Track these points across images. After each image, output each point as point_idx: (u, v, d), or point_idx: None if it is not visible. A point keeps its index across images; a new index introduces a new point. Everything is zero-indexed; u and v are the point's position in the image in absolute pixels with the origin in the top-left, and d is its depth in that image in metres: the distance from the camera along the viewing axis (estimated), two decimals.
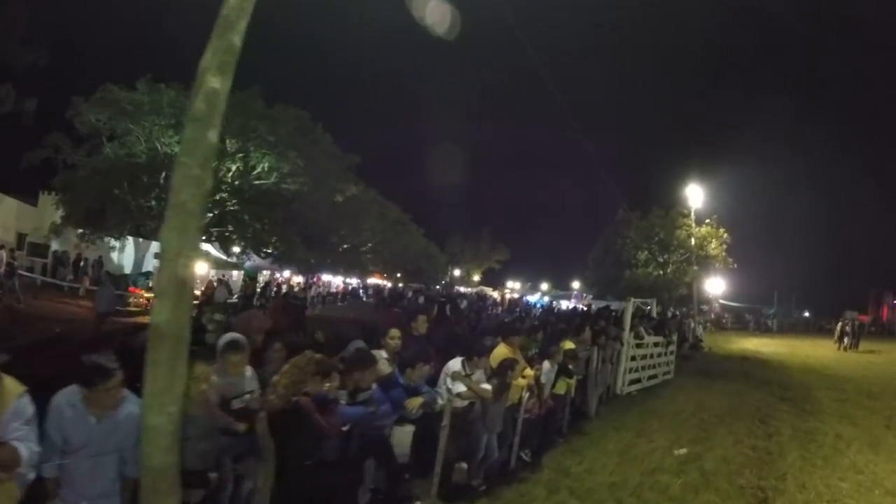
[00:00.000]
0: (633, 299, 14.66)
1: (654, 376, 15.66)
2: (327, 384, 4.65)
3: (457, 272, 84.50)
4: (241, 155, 32.06)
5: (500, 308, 39.66)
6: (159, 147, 30.15)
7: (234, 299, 30.94)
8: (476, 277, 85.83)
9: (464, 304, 32.71)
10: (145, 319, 18.73)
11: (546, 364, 8.30)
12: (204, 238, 32.01)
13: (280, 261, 34.22)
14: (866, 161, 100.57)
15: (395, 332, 6.28)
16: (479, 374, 6.64)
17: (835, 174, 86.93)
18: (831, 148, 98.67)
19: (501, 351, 7.38)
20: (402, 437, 5.86)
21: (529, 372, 7.66)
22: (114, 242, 31.54)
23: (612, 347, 12.52)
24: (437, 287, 63.53)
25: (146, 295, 25.31)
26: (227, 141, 31.55)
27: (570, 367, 9.07)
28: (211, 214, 31.55)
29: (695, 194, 32.54)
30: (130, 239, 33.84)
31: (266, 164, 32.79)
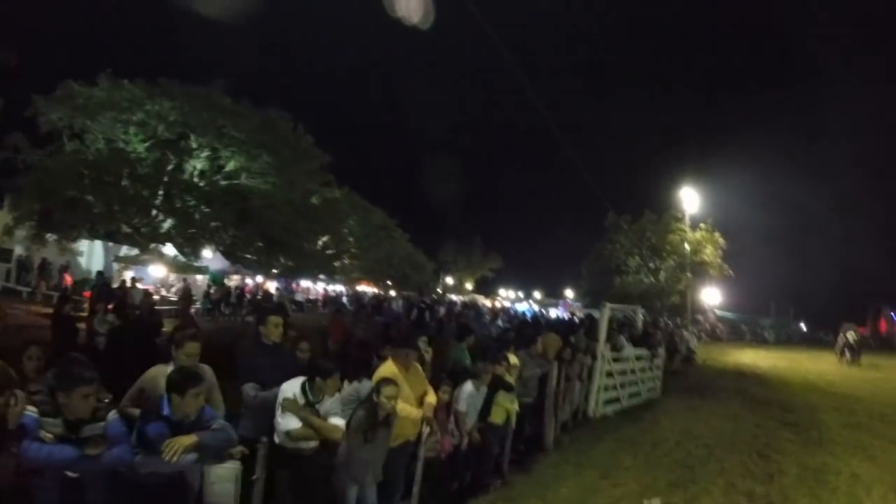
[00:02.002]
0: (609, 305, 12.52)
1: (637, 394, 13.57)
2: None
3: (449, 280, 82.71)
4: (207, 153, 30.41)
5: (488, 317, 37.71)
6: (122, 145, 28.64)
7: (198, 305, 29.08)
8: (469, 286, 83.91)
9: (442, 311, 30.71)
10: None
11: (468, 387, 6.22)
12: (166, 240, 30.30)
13: (242, 263, 32.15)
14: (867, 169, 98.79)
15: (192, 344, 4.29)
16: (330, 403, 4.60)
17: (835, 183, 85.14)
18: (831, 156, 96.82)
19: (386, 369, 5.32)
20: (221, 483, 4.01)
21: (431, 398, 5.58)
22: (81, 247, 29.71)
23: (582, 362, 10.42)
24: (434, 296, 61.63)
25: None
26: (192, 137, 29.99)
27: (510, 384, 6.99)
28: (173, 219, 29.81)
29: (689, 198, 30.49)
30: (99, 243, 31.95)
31: (234, 163, 31.03)
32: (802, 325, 63.22)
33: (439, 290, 74.32)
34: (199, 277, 33.51)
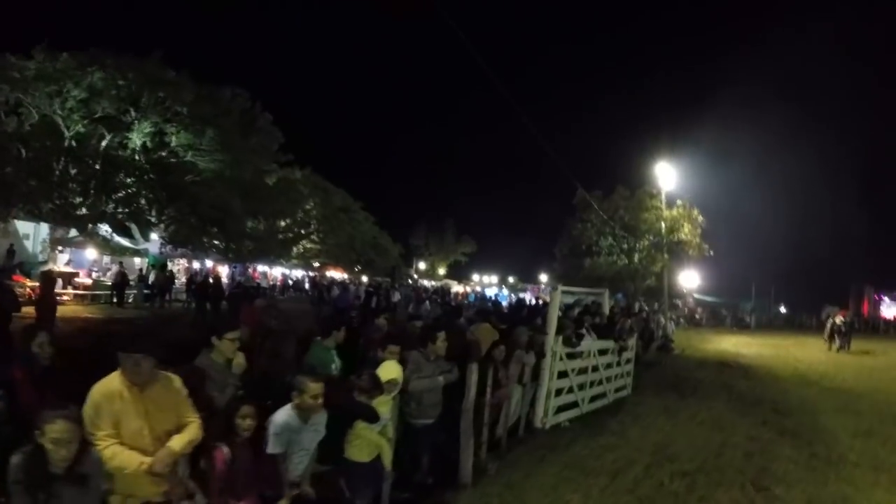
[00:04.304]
0: (561, 288, 9.98)
1: (602, 395, 11.12)
2: None
3: (422, 265, 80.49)
4: (149, 129, 27.95)
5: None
6: (60, 121, 26.40)
7: (134, 290, 26.39)
8: (442, 271, 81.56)
9: (396, 296, 28.29)
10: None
11: (281, 416, 3.74)
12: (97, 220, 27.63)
13: (174, 244, 29.47)
14: (846, 151, 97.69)
15: None
16: None
17: (813, 164, 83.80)
18: (809, 137, 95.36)
19: (97, 389, 3.05)
20: None
21: (179, 440, 3.12)
22: (26, 229, 27.16)
23: (523, 361, 7.92)
24: (410, 281, 59.60)
25: (29, 284, 21.59)
26: (131, 112, 27.65)
27: (370, 410, 4.46)
28: (117, 198, 27.36)
29: (665, 174, 27.90)
30: (45, 225, 29.53)
31: (176, 140, 28.46)
32: (783, 309, 61.77)
33: (415, 276, 72.17)
34: (137, 261, 30.84)
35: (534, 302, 26.62)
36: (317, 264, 49.55)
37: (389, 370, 4.86)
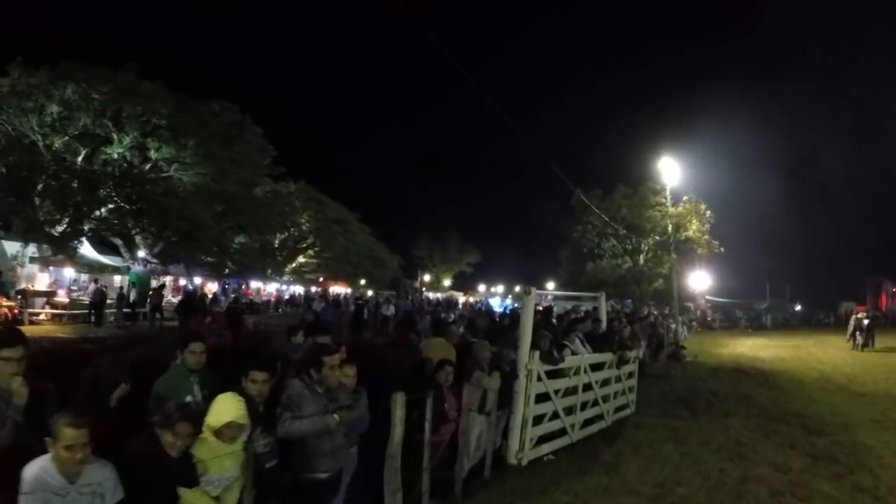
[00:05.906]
0: (534, 292, 8.32)
1: (598, 418, 9.43)
2: None
3: (427, 277, 79.04)
4: (129, 142, 26.78)
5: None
6: (38, 138, 25.47)
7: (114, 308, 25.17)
8: (447, 282, 79.98)
9: (391, 309, 26.74)
10: None
11: (32, 471, 2.30)
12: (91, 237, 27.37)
13: (161, 261, 28.22)
14: (858, 142, 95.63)
15: None
16: None
17: (824, 158, 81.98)
18: (821, 130, 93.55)
19: None
20: None
21: None
22: (12, 249, 26.48)
23: (485, 385, 6.27)
24: (418, 294, 58.49)
25: (5, 303, 21.75)
26: (109, 125, 26.52)
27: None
28: (95, 215, 26.16)
29: (669, 169, 26.01)
30: (32, 246, 28.71)
31: (157, 154, 27.19)
32: (798, 307, 59.87)
33: (423, 289, 70.78)
34: (117, 278, 29.69)
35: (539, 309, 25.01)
36: (321, 279, 48.24)
37: (224, 409, 3.27)
